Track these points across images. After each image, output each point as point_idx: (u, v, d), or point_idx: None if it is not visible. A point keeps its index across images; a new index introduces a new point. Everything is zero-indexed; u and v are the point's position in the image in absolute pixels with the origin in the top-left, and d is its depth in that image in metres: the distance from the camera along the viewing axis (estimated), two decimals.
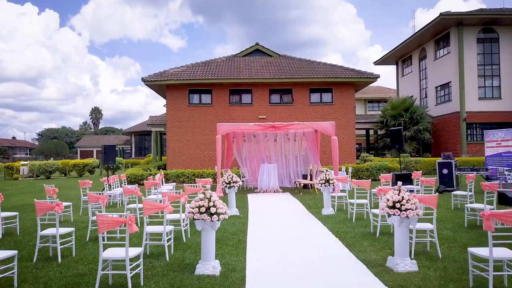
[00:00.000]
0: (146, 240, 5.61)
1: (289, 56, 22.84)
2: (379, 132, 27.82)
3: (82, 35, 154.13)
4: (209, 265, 4.76)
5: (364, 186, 8.12)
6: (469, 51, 24.74)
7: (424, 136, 25.13)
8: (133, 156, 46.28)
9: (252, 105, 19.99)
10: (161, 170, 18.20)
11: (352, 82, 19.83)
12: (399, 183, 5.07)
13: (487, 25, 24.93)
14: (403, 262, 4.81)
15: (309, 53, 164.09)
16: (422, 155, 25.54)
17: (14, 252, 4.43)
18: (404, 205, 4.78)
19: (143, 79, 19.06)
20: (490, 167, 12.98)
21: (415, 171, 11.52)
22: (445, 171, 13.01)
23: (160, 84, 19.49)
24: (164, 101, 23.54)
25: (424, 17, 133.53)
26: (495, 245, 4.20)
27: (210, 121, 19.45)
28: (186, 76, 19.48)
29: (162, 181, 12.56)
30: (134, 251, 4.31)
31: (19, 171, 27.20)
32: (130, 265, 4.21)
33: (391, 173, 13.68)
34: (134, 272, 4.28)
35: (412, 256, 5.25)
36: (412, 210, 4.76)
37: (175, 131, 19.59)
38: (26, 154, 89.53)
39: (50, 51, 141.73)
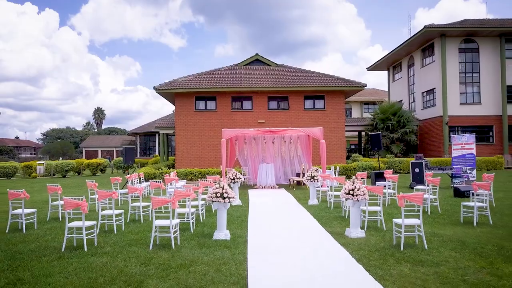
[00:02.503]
0: (175, 218, 7.83)
1: (286, 65, 25.09)
2: (370, 134, 30.03)
3: (82, 34, 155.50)
4: (222, 233, 6.99)
5: (340, 181, 10.36)
6: (451, 60, 26.97)
7: (410, 138, 27.34)
8: (138, 156, 48.48)
9: (252, 111, 22.22)
10: (171, 169, 20.44)
11: (342, 90, 22.06)
12: (354, 177, 7.30)
13: (468, 36, 27.16)
14: (355, 231, 7.03)
15: (309, 53, 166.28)
16: (409, 156, 27.76)
17: (94, 222, 6.67)
18: (355, 192, 7.00)
19: (155, 88, 21.30)
20: (455, 166, 15.18)
21: (387, 170, 13.75)
22: (417, 170, 15.21)
23: (170, 92, 21.74)
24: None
25: (425, 17, 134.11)
26: (410, 216, 6.43)
27: (214, 125, 21.69)
28: (193, 85, 21.73)
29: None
30: (174, 222, 6.53)
31: (36, 170, 29.45)
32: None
33: (372, 171, 15.92)
34: (174, 235, 6.50)
35: (365, 229, 7.47)
36: (361, 195, 6.98)
37: (183, 134, 21.84)
38: (31, 153, 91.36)
39: (50, 51, 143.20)
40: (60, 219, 9.20)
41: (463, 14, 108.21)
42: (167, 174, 14.62)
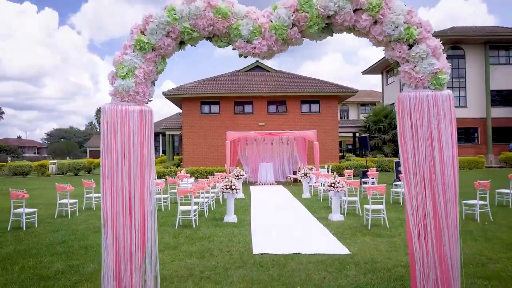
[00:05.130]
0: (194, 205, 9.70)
1: (284, 71, 26.99)
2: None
3: (82, 33, 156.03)
4: (231, 217, 8.87)
5: (328, 177, 12.22)
6: None
7: None
8: None
9: (253, 114, 24.10)
10: (179, 167, 22.31)
11: (335, 96, 23.95)
12: (335, 173, 9.17)
13: (455, 43, 29.03)
14: (335, 216, 8.90)
15: (309, 53, 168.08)
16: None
17: None
18: (336, 185, 8.87)
19: (163, 93, 23.16)
20: None
21: (371, 168, 15.62)
22: (400, 168, 17.09)
23: (177, 97, 23.62)
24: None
25: (426, 16, 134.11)
26: (377, 202, 8.31)
27: (218, 128, 23.56)
28: (198, 90, 23.61)
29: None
30: (194, 207, 8.40)
31: (49, 169, 31.31)
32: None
33: (361, 170, 17.81)
34: (194, 218, 8.36)
35: (345, 214, 9.34)
36: (340, 187, 8.85)
37: (190, 136, 23.72)
38: (34, 153, 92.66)
39: (50, 50, 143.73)
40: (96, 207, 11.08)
41: (464, 13, 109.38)
42: (179, 172, 16.49)
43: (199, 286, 4.64)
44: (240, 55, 2.81)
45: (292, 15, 2.66)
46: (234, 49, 2.83)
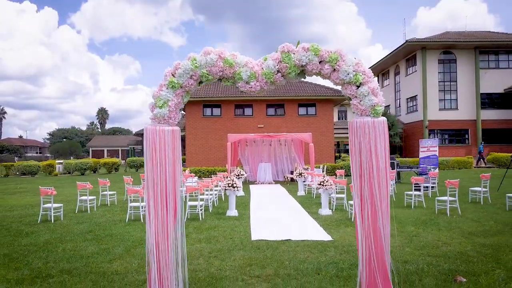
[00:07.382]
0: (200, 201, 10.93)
1: None
2: None
3: (82, 32, 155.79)
4: (233, 211, 10.09)
5: (320, 176, 13.44)
6: (431, 70, 30.06)
7: (394, 140, 30.45)
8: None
9: (252, 117, 25.32)
10: (182, 167, 23.57)
11: (331, 99, 25.17)
12: (325, 173, 10.40)
13: (446, 49, 30.25)
14: (324, 210, 10.13)
15: None
16: None
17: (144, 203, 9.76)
18: (325, 183, 10.10)
19: None
20: (421, 165, 18.27)
21: None
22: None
23: None
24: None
25: (426, 16, 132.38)
26: None
27: (219, 130, 24.79)
28: (200, 94, 24.83)
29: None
30: (200, 203, 9.63)
31: (56, 168, 32.52)
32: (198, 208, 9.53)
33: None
34: (200, 212, 9.58)
35: (333, 209, 10.57)
36: (329, 185, 10.07)
37: (192, 137, 24.95)
38: (37, 153, 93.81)
39: (49, 49, 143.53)
40: (123, 200, 12.30)
41: (464, 13, 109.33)
42: (183, 172, 17.70)
43: (209, 262, 5.86)
44: (241, 91, 4.05)
45: (277, 65, 3.88)
46: (237, 87, 4.05)
